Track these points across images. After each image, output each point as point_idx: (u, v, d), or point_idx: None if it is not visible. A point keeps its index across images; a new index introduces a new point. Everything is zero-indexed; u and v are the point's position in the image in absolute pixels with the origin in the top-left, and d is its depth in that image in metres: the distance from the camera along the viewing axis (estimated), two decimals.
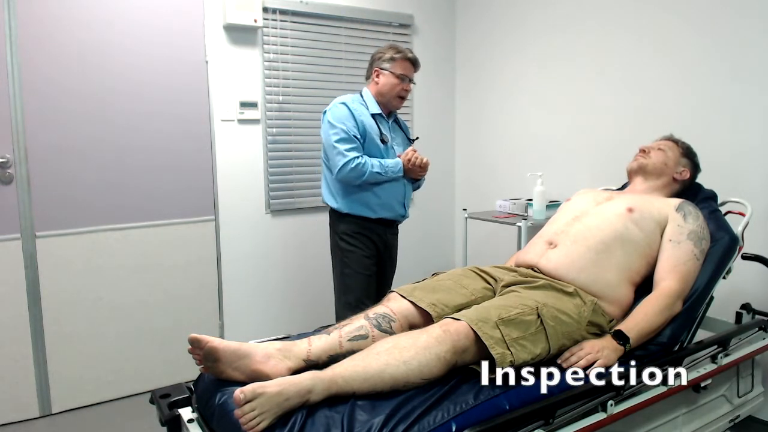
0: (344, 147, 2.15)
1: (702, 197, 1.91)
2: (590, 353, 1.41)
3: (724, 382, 1.80)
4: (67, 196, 2.42)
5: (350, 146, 2.16)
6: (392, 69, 2.26)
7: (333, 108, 2.23)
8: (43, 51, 2.32)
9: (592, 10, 2.76)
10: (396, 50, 2.28)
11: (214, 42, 2.70)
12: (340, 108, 2.21)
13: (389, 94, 2.28)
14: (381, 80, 2.28)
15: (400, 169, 2.25)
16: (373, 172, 2.18)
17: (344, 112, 2.20)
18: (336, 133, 2.17)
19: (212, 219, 2.79)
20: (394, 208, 2.31)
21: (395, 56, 2.27)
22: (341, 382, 1.22)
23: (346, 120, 2.18)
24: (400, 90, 2.29)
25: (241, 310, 2.92)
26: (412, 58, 2.31)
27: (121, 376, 2.59)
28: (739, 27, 2.21)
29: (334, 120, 2.19)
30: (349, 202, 2.25)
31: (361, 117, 2.22)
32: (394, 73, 2.26)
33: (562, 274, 1.63)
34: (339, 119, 2.19)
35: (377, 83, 2.29)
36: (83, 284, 2.48)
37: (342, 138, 2.16)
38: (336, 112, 2.21)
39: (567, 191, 2.35)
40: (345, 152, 2.15)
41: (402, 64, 2.27)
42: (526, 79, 3.13)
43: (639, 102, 2.59)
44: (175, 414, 1.36)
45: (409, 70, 2.30)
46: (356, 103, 2.25)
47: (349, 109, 2.20)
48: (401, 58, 2.27)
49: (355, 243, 2.27)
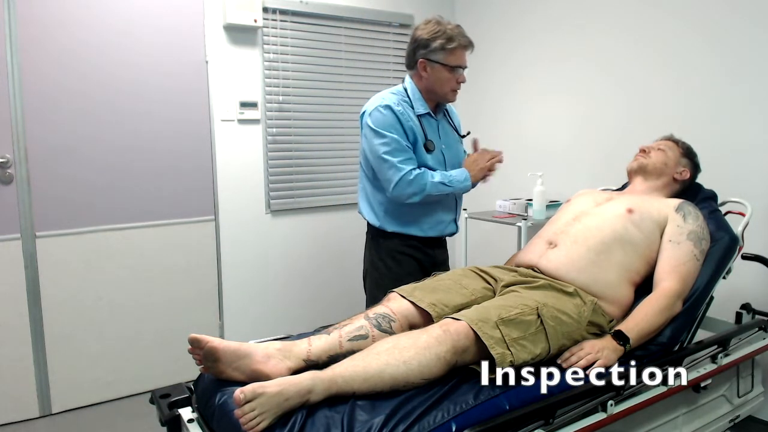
0: (397, 159, 1.84)
1: (702, 197, 1.91)
2: (590, 353, 1.41)
3: (724, 382, 1.80)
4: (67, 196, 2.42)
5: (404, 157, 1.85)
6: (445, 60, 1.87)
7: (375, 112, 1.88)
8: (43, 51, 2.32)
9: (591, 11, 2.76)
10: (448, 37, 1.84)
11: (214, 42, 2.70)
12: (384, 114, 1.87)
13: (442, 90, 1.92)
14: (429, 74, 1.89)
15: (466, 178, 1.93)
16: (434, 183, 1.86)
17: (390, 119, 1.86)
18: (385, 144, 1.85)
19: (212, 219, 2.79)
20: (445, 227, 2.02)
21: (449, 46, 1.85)
22: (341, 382, 1.22)
23: (394, 128, 1.86)
24: (454, 84, 1.92)
25: (241, 310, 2.91)
26: (468, 43, 1.89)
27: (121, 376, 2.59)
28: (739, 27, 2.21)
29: (380, 127, 1.86)
30: (394, 219, 1.96)
31: (409, 122, 1.89)
32: (448, 65, 1.87)
33: (562, 275, 1.63)
34: (385, 126, 1.85)
35: (424, 77, 1.91)
36: (83, 284, 2.48)
37: (394, 149, 1.84)
38: (380, 118, 1.87)
39: (567, 191, 2.34)
40: (399, 165, 1.84)
41: (457, 54, 1.88)
42: (526, 79, 3.13)
43: (639, 102, 2.59)
44: (175, 414, 1.36)
45: (464, 58, 1.91)
46: (402, 103, 1.90)
47: (395, 113, 1.86)
48: (457, 48, 1.86)
49: (394, 265, 1.98)
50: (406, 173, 1.84)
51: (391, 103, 1.88)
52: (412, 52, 1.91)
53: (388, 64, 3.25)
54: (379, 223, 1.99)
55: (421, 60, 1.89)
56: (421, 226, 1.96)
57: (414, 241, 1.98)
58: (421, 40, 1.87)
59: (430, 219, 1.97)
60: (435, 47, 1.85)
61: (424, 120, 1.94)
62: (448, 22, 1.90)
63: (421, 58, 1.88)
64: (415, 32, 1.91)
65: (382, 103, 1.88)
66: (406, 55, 1.96)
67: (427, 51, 1.86)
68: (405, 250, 1.98)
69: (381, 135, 1.86)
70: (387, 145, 1.85)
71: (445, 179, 1.89)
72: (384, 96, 1.92)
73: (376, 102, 1.91)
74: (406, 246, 1.98)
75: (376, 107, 1.89)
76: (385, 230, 1.98)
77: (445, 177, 1.90)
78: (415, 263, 2.00)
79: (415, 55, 1.90)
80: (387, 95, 1.92)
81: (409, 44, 1.94)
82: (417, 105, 1.93)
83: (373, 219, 2.01)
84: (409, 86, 1.95)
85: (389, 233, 1.98)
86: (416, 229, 1.97)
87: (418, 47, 1.89)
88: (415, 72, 1.93)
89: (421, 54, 1.88)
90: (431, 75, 1.90)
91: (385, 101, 1.89)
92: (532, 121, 3.12)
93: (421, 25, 1.90)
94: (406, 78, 1.99)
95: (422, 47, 1.87)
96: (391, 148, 1.85)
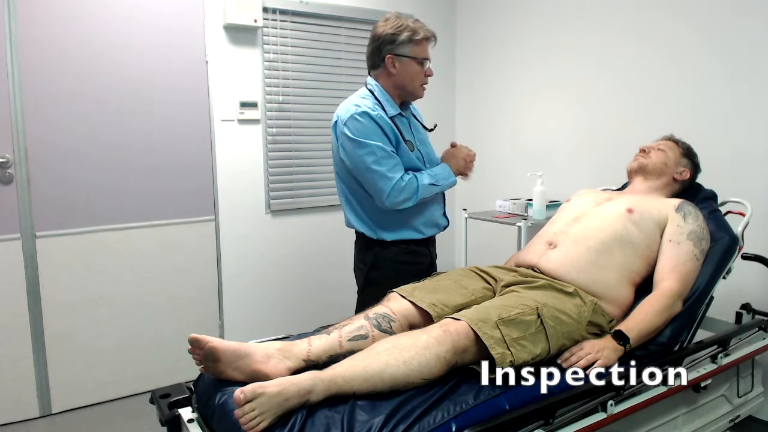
0: (386, 168, 1.76)
1: (702, 197, 1.91)
2: (590, 353, 1.41)
3: (724, 382, 1.80)
4: (67, 196, 2.42)
5: (392, 164, 1.77)
6: (413, 53, 1.81)
7: (352, 121, 1.77)
8: (43, 51, 2.32)
9: (592, 11, 2.76)
10: (413, 30, 1.80)
11: (214, 42, 2.70)
12: (363, 121, 1.76)
13: (412, 85, 1.86)
14: (399, 69, 1.82)
15: (450, 173, 1.90)
16: (425, 186, 1.82)
17: (370, 126, 1.77)
18: (370, 153, 1.75)
19: (212, 219, 2.79)
20: (437, 221, 1.97)
21: (416, 37, 1.80)
22: (341, 382, 1.22)
23: (376, 134, 1.77)
24: (423, 78, 1.87)
25: (241, 310, 2.92)
26: (431, 35, 1.86)
27: (121, 376, 2.59)
28: (739, 27, 2.21)
29: (361, 137, 1.76)
30: (390, 226, 1.88)
31: (388, 125, 1.81)
32: (416, 58, 1.82)
33: (562, 275, 1.63)
34: (367, 135, 1.76)
35: (392, 73, 1.84)
36: (83, 284, 2.48)
37: (380, 157, 1.76)
38: (359, 127, 1.76)
39: (567, 191, 2.34)
40: (388, 174, 1.76)
41: (423, 46, 1.84)
42: (526, 80, 3.13)
43: (639, 102, 2.59)
44: (175, 414, 1.36)
45: (428, 51, 1.87)
46: (376, 107, 1.81)
47: (373, 119, 1.77)
48: (423, 39, 1.82)
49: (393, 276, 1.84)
50: (397, 181, 1.77)
51: (367, 108, 1.78)
52: (377, 50, 1.84)
53: None
54: (376, 234, 1.89)
55: (388, 56, 1.82)
56: (417, 227, 1.91)
57: (413, 245, 1.91)
58: (386, 36, 1.80)
59: (423, 217, 1.91)
60: (402, 40, 1.79)
61: (397, 120, 1.86)
62: (408, 16, 1.88)
63: (388, 54, 1.81)
64: (375, 30, 1.84)
65: (356, 110, 1.77)
66: (367, 55, 1.89)
67: (393, 46, 1.80)
68: (404, 257, 1.90)
69: (364, 145, 1.76)
70: (372, 155, 1.76)
71: (433, 179, 1.85)
72: (355, 102, 1.82)
73: (348, 109, 1.80)
74: (406, 253, 1.90)
75: (351, 115, 1.78)
76: (384, 240, 1.88)
77: (432, 177, 1.86)
78: (413, 268, 1.90)
79: (381, 53, 1.83)
80: (357, 100, 1.83)
81: (370, 43, 1.87)
82: (388, 107, 1.85)
83: (369, 232, 1.90)
84: (375, 88, 1.87)
85: (388, 242, 1.89)
86: (413, 231, 1.90)
87: (384, 43, 1.82)
88: (382, 70, 1.85)
89: (388, 50, 1.81)
90: (401, 70, 1.83)
91: (359, 108, 1.78)
92: (531, 121, 3.12)
93: (381, 22, 1.85)
94: (368, 80, 1.90)
95: (388, 43, 1.81)
96: (377, 157, 1.76)
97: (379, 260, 1.91)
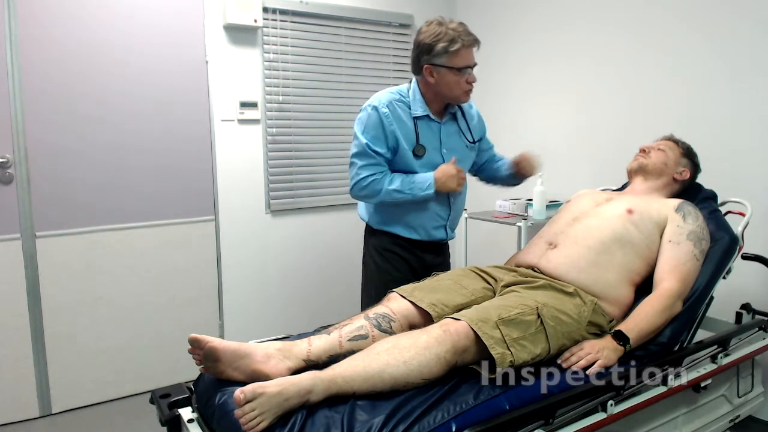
0: (360, 163, 1.84)
1: (702, 197, 1.91)
2: (590, 353, 1.41)
3: (724, 382, 1.80)
4: (67, 196, 2.42)
5: (365, 162, 1.84)
6: (450, 63, 1.77)
7: (363, 111, 1.87)
8: (43, 51, 2.32)
9: (591, 12, 2.76)
10: (450, 39, 1.74)
11: (214, 42, 2.70)
12: (369, 114, 1.83)
13: (452, 93, 1.83)
14: (437, 78, 1.80)
15: (429, 186, 1.84)
16: (388, 191, 1.83)
17: (373, 120, 1.82)
18: (356, 145, 1.86)
19: (212, 219, 2.79)
20: (428, 230, 1.96)
21: (452, 48, 1.74)
22: (341, 382, 1.22)
23: (372, 130, 1.82)
24: (464, 85, 1.82)
25: (241, 310, 2.92)
26: (472, 42, 1.78)
27: (121, 376, 2.59)
28: (739, 27, 2.21)
29: (358, 128, 1.86)
30: (381, 216, 1.96)
31: (393, 126, 1.82)
32: (454, 67, 1.77)
33: (562, 275, 1.63)
34: (363, 128, 1.84)
35: (431, 83, 1.82)
36: (83, 284, 2.48)
37: (359, 152, 1.84)
38: (363, 118, 1.85)
39: (567, 191, 2.34)
40: (358, 170, 1.85)
41: (462, 55, 1.77)
42: (525, 80, 3.13)
43: (639, 102, 2.59)
44: (175, 414, 1.36)
45: (470, 57, 1.80)
46: (394, 104, 1.84)
47: (379, 115, 1.82)
48: (461, 48, 1.75)
49: (382, 262, 1.97)
50: (361, 179, 1.84)
51: (380, 104, 1.83)
52: (416, 58, 1.83)
53: (388, 64, 3.26)
54: (368, 219, 2.02)
55: (426, 66, 1.80)
56: (405, 226, 1.94)
57: (401, 240, 1.96)
58: (424, 45, 1.78)
59: (414, 220, 1.93)
60: (438, 51, 1.75)
61: (422, 122, 1.87)
62: (451, 20, 1.80)
63: (426, 63, 1.79)
64: (417, 37, 1.82)
65: (372, 102, 1.86)
66: (411, 60, 1.88)
67: (430, 56, 1.77)
68: (392, 248, 1.96)
69: (356, 136, 1.86)
70: (357, 147, 1.86)
71: (403, 186, 1.84)
72: (381, 95, 1.87)
73: (372, 99, 1.88)
74: (393, 244, 1.96)
75: (365, 106, 1.87)
76: (373, 227, 2.01)
77: (404, 184, 1.84)
78: (403, 262, 1.96)
79: (419, 61, 1.81)
80: (384, 94, 1.88)
81: (412, 49, 1.85)
82: (415, 107, 1.86)
83: (364, 215, 2.04)
84: (412, 87, 1.89)
85: (376, 230, 1.99)
86: (401, 228, 1.94)
87: (422, 53, 1.79)
88: (422, 78, 1.85)
89: (425, 60, 1.79)
90: (438, 80, 1.80)
91: (374, 102, 1.85)
92: (532, 120, 3.12)
93: (423, 27, 1.82)
94: (413, 78, 1.92)
95: (425, 52, 1.78)
96: (358, 151, 1.85)
97: (370, 245, 2.02)
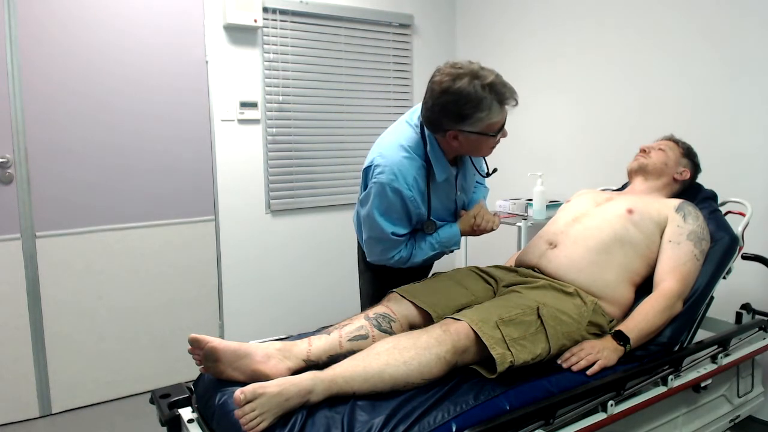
0: (380, 246, 1.67)
1: (702, 197, 1.91)
2: (590, 353, 1.41)
3: (724, 382, 1.80)
4: (67, 196, 2.42)
5: (387, 246, 1.66)
6: (485, 130, 1.49)
7: (379, 185, 1.55)
8: (43, 51, 2.32)
9: (591, 11, 2.76)
10: (488, 106, 1.44)
11: (214, 42, 2.70)
12: (391, 199, 1.57)
13: (480, 154, 1.62)
14: (462, 141, 1.52)
15: (457, 242, 1.73)
16: (416, 262, 1.71)
17: (397, 206, 1.58)
18: (373, 229, 1.63)
19: (212, 219, 2.79)
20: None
21: (492, 119, 1.47)
22: (341, 383, 1.22)
23: (394, 213, 1.60)
24: (494, 143, 1.57)
25: (241, 310, 2.92)
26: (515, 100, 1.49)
27: (121, 376, 2.59)
28: (739, 27, 2.21)
29: (376, 209, 1.59)
30: None
31: (417, 209, 1.62)
32: (488, 134, 1.51)
33: (562, 275, 1.63)
34: (383, 212, 1.59)
35: (455, 146, 1.55)
36: (83, 284, 2.48)
37: (380, 238, 1.64)
38: (385, 202, 1.58)
39: (567, 191, 2.35)
40: (380, 253, 1.68)
41: (500, 118, 1.50)
42: (525, 80, 3.13)
43: (639, 102, 2.59)
44: (175, 414, 1.36)
45: (506, 112, 1.51)
46: (415, 183, 1.58)
47: (404, 200, 1.57)
48: (498, 112, 1.47)
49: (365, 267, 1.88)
50: (386, 258, 1.68)
51: (402, 184, 1.55)
52: (437, 120, 1.49)
53: (388, 64, 3.26)
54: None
55: (450, 131, 1.50)
56: None
57: None
58: (451, 111, 1.44)
59: None
60: (472, 121, 1.45)
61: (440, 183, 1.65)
62: (480, 67, 1.46)
63: (452, 130, 1.49)
64: (437, 88, 1.45)
65: (389, 176, 1.54)
66: (426, 113, 1.51)
67: (459, 122, 1.46)
68: None
69: (373, 217, 1.60)
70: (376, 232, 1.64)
71: (432, 250, 1.70)
72: (397, 163, 1.55)
73: (387, 166, 1.55)
74: None
75: (381, 178, 1.55)
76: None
77: (432, 247, 1.70)
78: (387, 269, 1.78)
79: (442, 125, 1.49)
80: (399, 161, 1.55)
81: (430, 100, 1.48)
82: (439, 171, 1.60)
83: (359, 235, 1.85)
84: (429, 143, 1.58)
85: None
86: None
87: (448, 118, 1.46)
88: (442, 137, 1.55)
89: (452, 126, 1.48)
90: (465, 143, 1.53)
91: (392, 176, 1.54)
92: (532, 120, 3.12)
93: (446, 80, 1.44)
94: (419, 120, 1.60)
95: (454, 120, 1.46)
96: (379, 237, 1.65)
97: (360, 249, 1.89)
